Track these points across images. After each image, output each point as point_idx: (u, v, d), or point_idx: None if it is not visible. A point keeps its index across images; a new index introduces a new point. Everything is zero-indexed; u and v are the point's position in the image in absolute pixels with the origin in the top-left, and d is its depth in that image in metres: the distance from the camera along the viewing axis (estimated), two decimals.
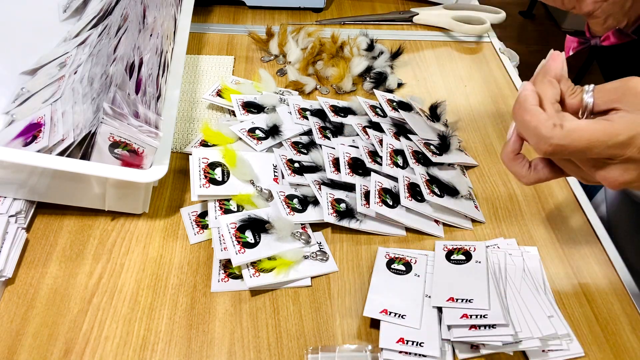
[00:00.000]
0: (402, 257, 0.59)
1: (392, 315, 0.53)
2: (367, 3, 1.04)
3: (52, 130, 0.58)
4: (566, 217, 0.66)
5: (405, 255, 0.59)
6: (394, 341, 0.51)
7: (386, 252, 0.60)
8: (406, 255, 0.59)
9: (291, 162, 0.66)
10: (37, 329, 0.52)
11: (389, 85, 0.82)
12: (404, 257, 0.59)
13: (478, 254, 0.58)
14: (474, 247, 0.59)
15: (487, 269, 0.56)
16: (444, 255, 0.59)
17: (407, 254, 0.60)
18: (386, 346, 0.50)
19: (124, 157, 0.55)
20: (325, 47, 0.85)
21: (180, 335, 0.52)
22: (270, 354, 0.52)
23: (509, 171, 0.52)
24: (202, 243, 0.60)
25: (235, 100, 0.74)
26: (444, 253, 0.59)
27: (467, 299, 0.53)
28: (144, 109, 0.58)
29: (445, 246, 0.60)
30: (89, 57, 0.68)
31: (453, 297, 0.53)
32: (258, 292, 0.56)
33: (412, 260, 0.59)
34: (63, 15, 0.79)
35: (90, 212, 0.61)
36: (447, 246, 0.60)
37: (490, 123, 0.79)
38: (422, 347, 0.50)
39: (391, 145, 0.68)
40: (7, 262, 0.54)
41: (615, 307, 0.57)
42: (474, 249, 0.59)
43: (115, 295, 0.55)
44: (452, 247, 0.60)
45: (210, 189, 0.61)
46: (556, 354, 0.52)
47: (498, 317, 0.50)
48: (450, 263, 0.58)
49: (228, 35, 0.92)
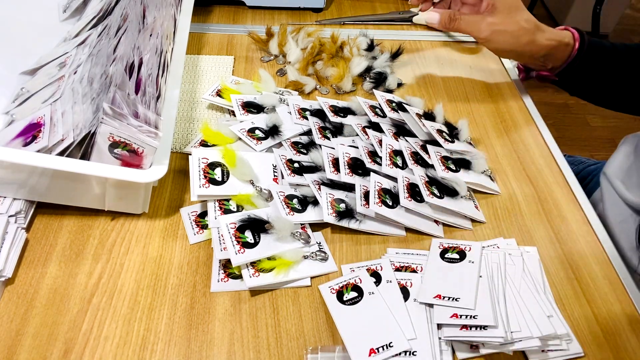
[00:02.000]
0: (456, 246, 0.59)
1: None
2: (367, 3, 1.04)
3: (52, 130, 0.58)
4: (566, 217, 0.66)
5: (460, 244, 0.60)
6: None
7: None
8: (460, 244, 0.60)
9: (291, 162, 0.66)
10: (37, 329, 0.52)
11: (388, 85, 0.82)
12: (458, 246, 0.59)
13: (472, 254, 0.58)
14: (469, 246, 0.59)
15: (479, 269, 0.56)
16: (439, 253, 0.59)
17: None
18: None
19: (124, 157, 0.55)
20: (325, 47, 0.85)
21: (179, 335, 0.52)
22: (270, 354, 0.52)
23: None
24: (201, 243, 0.60)
25: (235, 100, 0.74)
26: (439, 251, 0.59)
27: (454, 297, 0.53)
28: (144, 109, 0.58)
29: (441, 244, 0.60)
30: (89, 57, 0.68)
31: (440, 295, 0.53)
32: (258, 292, 0.56)
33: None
34: (63, 16, 0.79)
35: (90, 212, 0.61)
36: (443, 244, 0.60)
37: (490, 123, 0.79)
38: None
39: (390, 145, 0.68)
40: (6, 262, 0.54)
41: (615, 307, 0.57)
42: (469, 249, 0.59)
43: (115, 295, 0.55)
44: (447, 245, 0.60)
45: (210, 189, 0.61)
46: (556, 353, 0.52)
47: (488, 319, 0.50)
48: (443, 261, 0.58)
49: (228, 35, 0.92)
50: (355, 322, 0.52)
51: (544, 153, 0.75)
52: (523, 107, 0.83)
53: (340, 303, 0.54)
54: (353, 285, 0.56)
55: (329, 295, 0.55)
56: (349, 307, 0.54)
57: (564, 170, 0.73)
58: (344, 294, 0.55)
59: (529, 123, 0.80)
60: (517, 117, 0.81)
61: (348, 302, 0.54)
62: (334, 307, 0.54)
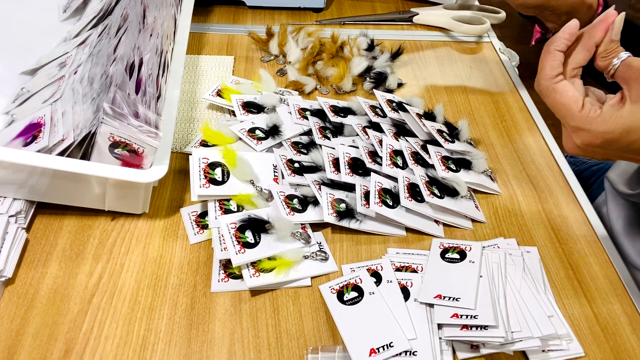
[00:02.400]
0: (456, 246, 0.59)
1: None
2: (367, 3, 1.04)
3: (52, 130, 0.58)
4: (566, 217, 0.66)
5: (460, 244, 0.59)
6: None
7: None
8: (460, 244, 0.59)
9: (291, 162, 0.66)
10: (37, 329, 0.52)
11: (389, 85, 0.82)
12: (458, 246, 0.59)
13: (473, 254, 0.58)
14: (469, 246, 0.59)
15: (480, 269, 0.56)
16: (439, 253, 0.59)
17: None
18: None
19: (124, 157, 0.55)
20: (325, 47, 0.85)
21: (180, 335, 0.52)
22: (270, 354, 0.52)
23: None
24: (202, 243, 0.60)
25: (235, 100, 0.74)
26: (439, 251, 0.59)
27: (454, 297, 0.53)
28: (144, 109, 0.58)
29: (441, 244, 0.60)
30: (89, 57, 0.68)
31: (441, 295, 0.53)
32: (258, 292, 0.56)
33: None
34: (63, 15, 0.79)
35: (90, 212, 0.61)
36: (444, 244, 0.60)
37: (490, 123, 0.79)
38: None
39: (391, 145, 0.68)
40: (7, 262, 0.54)
41: (615, 307, 0.57)
42: (469, 249, 0.59)
43: (115, 295, 0.55)
44: (448, 245, 0.60)
45: (210, 189, 0.61)
46: (556, 354, 0.52)
47: (488, 319, 0.50)
48: (444, 261, 0.58)
49: (228, 35, 0.92)
50: (355, 322, 0.52)
51: (544, 153, 0.75)
52: (523, 107, 0.83)
53: (341, 303, 0.54)
54: (353, 285, 0.55)
55: (329, 295, 0.55)
56: (349, 307, 0.54)
57: (564, 170, 0.73)
58: (345, 294, 0.55)
59: (529, 123, 0.80)
60: (517, 117, 0.81)
61: (348, 302, 0.54)
62: (334, 307, 0.54)
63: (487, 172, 0.69)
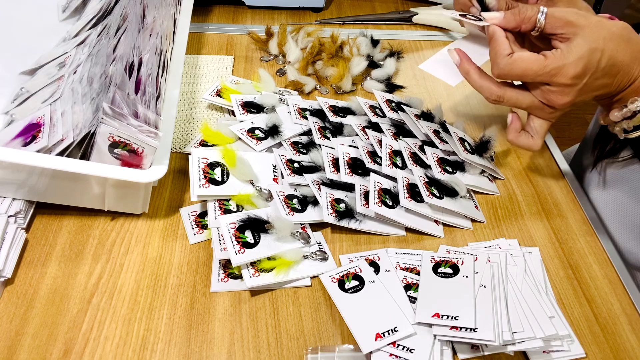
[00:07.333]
0: (448, 260, 0.57)
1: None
2: (366, 3, 1.04)
3: (52, 130, 0.58)
4: (566, 217, 0.66)
5: (451, 257, 0.57)
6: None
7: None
8: (452, 258, 0.57)
9: (291, 162, 0.66)
10: (37, 329, 0.52)
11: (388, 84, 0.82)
12: (450, 260, 0.57)
13: (466, 267, 0.56)
14: (462, 260, 0.57)
15: (474, 283, 0.54)
16: (431, 267, 0.57)
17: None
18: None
19: (124, 157, 0.55)
20: (325, 47, 0.84)
21: (179, 335, 0.52)
22: (270, 354, 0.51)
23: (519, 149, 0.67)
24: (201, 243, 0.60)
25: (235, 100, 0.74)
26: (431, 265, 0.57)
27: (453, 315, 0.51)
28: (144, 108, 0.57)
29: (432, 258, 0.58)
30: (89, 57, 0.68)
31: (439, 314, 0.52)
32: (258, 292, 0.56)
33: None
34: (62, 15, 0.79)
35: (90, 212, 0.61)
36: (435, 258, 0.58)
37: (490, 123, 0.79)
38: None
39: (390, 145, 0.68)
40: (6, 262, 0.54)
41: (615, 307, 0.57)
42: (461, 262, 0.57)
43: (114, 295, 0.55)
44: (439, 259, 0.58)
45: (209, 189, 0.61)
46: (557, 354, 0.52)
47: (487, 334, 0.49)
48: (437, 276, 0.56)
49: (227, 35, 0.92)
50: (358, 309, 0.53)
51: (544, 153, 0.75)
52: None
53: (343, 291, 0.55)
54: (354, 275, 0.56)
55: (331, 284, 0.55)
56: (351, 295, 0.54)
57: (564, 170, 0.73)
58: (346, 283, 0.55)
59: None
60: None
61: (350, 290, 0.55)
62: (336, 295, 0.54)
63: (485, 174, 0.69)
